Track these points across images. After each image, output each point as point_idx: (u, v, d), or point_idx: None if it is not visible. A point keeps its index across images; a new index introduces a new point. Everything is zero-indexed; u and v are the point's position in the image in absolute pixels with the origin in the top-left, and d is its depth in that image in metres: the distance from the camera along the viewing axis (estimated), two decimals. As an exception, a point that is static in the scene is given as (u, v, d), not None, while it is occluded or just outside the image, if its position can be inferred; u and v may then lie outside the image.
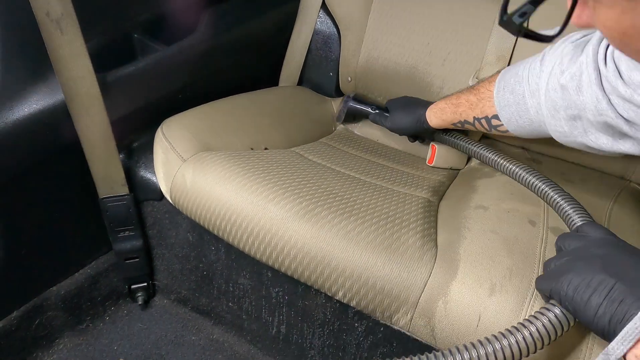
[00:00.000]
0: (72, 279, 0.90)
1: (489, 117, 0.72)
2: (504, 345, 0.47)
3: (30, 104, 0.70)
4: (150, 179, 0.85)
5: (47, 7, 0.63)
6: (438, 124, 0.83)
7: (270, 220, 0.69)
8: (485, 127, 0.74)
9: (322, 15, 1.10)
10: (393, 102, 0.94)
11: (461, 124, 0.78)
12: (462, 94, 0.77)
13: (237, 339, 0.95)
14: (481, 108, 0.73)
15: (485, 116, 0.72)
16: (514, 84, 0.66)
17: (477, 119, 0.74)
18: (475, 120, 0.75)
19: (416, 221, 0.70)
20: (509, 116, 0.68)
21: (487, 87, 0.72)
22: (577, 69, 0.56)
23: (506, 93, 0.67)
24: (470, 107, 0.75)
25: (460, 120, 0.78)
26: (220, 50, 0.98)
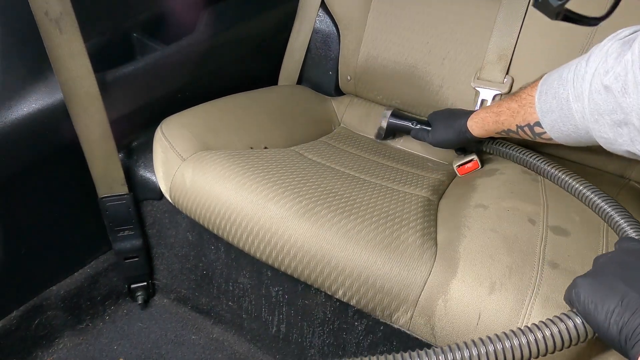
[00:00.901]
0: (72, 278, 0.90)
1: (531, 124, 0.66)
2: (513, 345, 0.46)
3: (29, 104, 0.70)
4: (150, 179, 0.85)
5: (46, 7, 0.63)
6: (481, 134, 0.78)
7: (270, 219, 0.69)
8: (529, 135, 0.68)
9: (321, 14, 1.10)
10: (434, 115, 0.90)
11: (505, 132, 0.73)
12: (503, 101, 0.72)
13: (237, 338, 0.95)
14: (523, 115, 0.67)
15: (528, 124, 0.67)
16: (557, 87, 0.61)
17: (520, 127, 0.69)
18: (519, 129, 0.69)
19: (416, 220, 0.70)
20: (552, 123, 0.63)
21: (528, 92, 0.67)
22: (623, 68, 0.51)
23: (548, 97, 0.62)
24: (512, 115, 0.69)
25: (503, 130, 0.73)
26: (220, 50, 0.98)
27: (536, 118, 0.65)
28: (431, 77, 0.98)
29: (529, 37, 0.88)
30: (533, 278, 0.59)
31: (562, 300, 0.55)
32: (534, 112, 0.65)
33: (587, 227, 0.66)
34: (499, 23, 0.90)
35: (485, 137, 0.80)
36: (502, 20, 0.90)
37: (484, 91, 0.91)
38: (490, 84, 0.90)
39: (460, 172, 0.87)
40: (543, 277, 0.58)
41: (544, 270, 0.59)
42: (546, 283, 0.58)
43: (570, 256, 0.61)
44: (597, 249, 0.63)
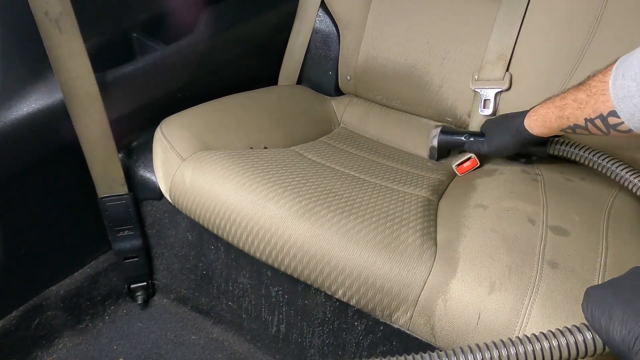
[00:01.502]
0: (72, 278, 0.90)
1: (604, 115, 0.58)
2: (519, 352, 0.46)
3: (29, 104, 0.70)
4: (150, 179, 0.85)
5: (46, 6, 0.63)
6: (543, 133, 0.70)
7: (269, 219, 0.69)
8: (602, 128, 0.60)
9: (321, 14, 1.10)
10: (487, 124, 0.84)
11: (571, 129, 0.64)
12: (567, 93, 0.64)
13: (237, 338, 0.95)
14: (593, 105, 0.59)
15: (600, 114, 0.58)
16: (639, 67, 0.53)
17: (590, 120, 0.60)
18: (588, 123, 0.61)
19: (416, 220, 0.70)
20: (631, 110, 0.54)
21: (600, 78, 0.58)
22: None
23: (626, 80, 0.53)
24: (579, 107, 0.61)
25: (569, 126, 0.64)
26: (220, 50, 0.98)
27: (610, 107, 0.56)
28: (431, 77, 0.98)
29: (528, 36, 0.88)
30: (533, 278, 0.59)
31: (561, 300, 0.55)
32: (607, 99, 0.57)
33: (586, 227, 0.66)
34: (499, 23, 0.90)
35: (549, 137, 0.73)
36: (502, 20, 0.90)
37: (485, 91, 0.91)
38: (490, 82, 0.90)
39: (459, 172, 0.87)
40: (543, 277, 0.58)
41: (543, 270, 0.59)
42: (546, 283, 0.58)
43: (570, 256, 0.61)
44: (597, 249, 0.63)
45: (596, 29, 0.81)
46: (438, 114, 1.00)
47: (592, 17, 0.81)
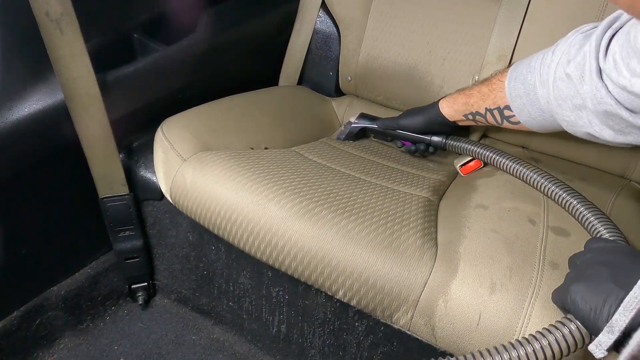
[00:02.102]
0: (73, 278, 0.90)
1: (501, 107, 0.72)
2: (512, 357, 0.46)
3: (30, 104, 0.70)
4: (150, 179, 0.85)
5: (47, 7, 0.63)
6: (450, 114, 0.82)
7: (270, 220, 0.69)
8: (497, 118, 0.74)
9: (321, 15, 1.10)
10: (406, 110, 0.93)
11: (472, 115, 0.78)
12: (474, 85, 0.77)
13: (238, 338, 0.95)
14: (493, 99, 0.73)
15: (498, 107, 0.73)
16: (526, 74, 0.67)
17: (489, 110, 0.74)
18: (487, 112, 0.75)
19: (416, 220, 0.70)
20: (520, 107, 0.69)
21: (499, 78, 0.73)
22: (582, 58, 0.58)
23: (517, 83, 0.68)
24: (482, 98, 0.75)
25: (471, 112, 0.77)
26: (220, 50, 0.98)
27: (506, 102, 0.71)
28: (432, 77, 0.98)
29: (528, 37, 0.88)
30: (533, 278, 0.59)
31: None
32: (504, 96, 0.71)
33: (587, 227, 0.66)
34: (499, 23, 0.90)
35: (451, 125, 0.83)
36: (502, 21, 0.90)
37: None
38: None
39: (463, 172, 0.87)
40: (543, 278, 0.58)
41: (544, 271, 0.59)
42: (547, 283, 0.58)
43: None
44: (598, 249, 0.62)
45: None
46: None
47: (593, 17, 0.81)
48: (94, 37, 0.78)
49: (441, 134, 0.87)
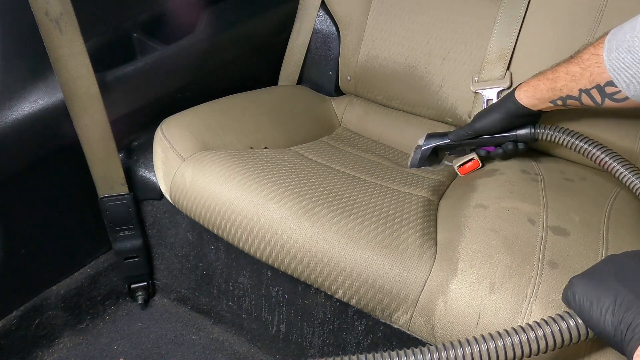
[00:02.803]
0: (72, 278, 0.90)
1: (601, 85, 0.63)
2: (512, 342, 0.47)
3: (30, 104, 0.70)
4: (150, 179, 0.86)
5: (46, 7, 0.63)
6: (532, 104, 0.73)
7: (270, 219, 0.69)
8: (596, 99, 0.65)
9: (321, 14, 1.10)
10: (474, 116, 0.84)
11: (562, 100, 0.69)
12: (558, 67, 0.68)
13: (237, 338, 0.95)
14: (588, 77, 0.64)
15: (597, 84, 0.63)
16: (631, 40, 0.57)
17: (585, 90, 0.65)
18: (582, 93, 0.65)
19: (416, 220, 0.70)
20: (627, 80, 0.59)
21: (592, 51, 0.63)
22: None
23: (621, 53, 0.59)
24: (573, 79, 0.66)
25: (561, 97, 0.68)
26: (220, 50, 0.98)
27: (607, 77, 0.61)
28: (431, 77, 0.98)
29: (528, 37, 0.88)
30: (533, 278, 0.59)
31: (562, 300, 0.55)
32: (603, 71, 0.61)
33: (586, 227, 0.66)
34: (499, 23, 0.90)
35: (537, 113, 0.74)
36: (502, 20, 0.90)
37: (487, 91, 0.91)
38: (491, 82, 0.90)
39: (461, 172, 0.86)
40: (543, 277, 0.58)
41: (543, 270, 0.59)
42: (546, 283, 0.58)
43: (570, 256, 0.61)
44: (597, 248, 0.63)
45: (597, 28, 0.81)
46: (438, 114, 1.00)
47: (593, 16, 0.81)
48: (94, 36, 0.78)
49: (526, 126, 0.77)
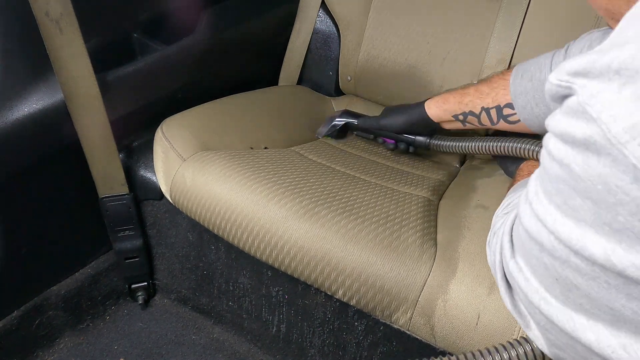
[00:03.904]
0: (73, 278, 0.90)
1: (500, 106, 0.71)
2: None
3: (30, 104, 0.70)
4: (150, 179, 0.86)
5: (47, 7, 0.63)
6: (437, 115, 0.80)
7: (270, 219, 0.69)
8: (492, 118, 0.72)
9: (321, 15, 1.10)
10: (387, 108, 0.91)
11: (464, 116, 0.76)
12: (469, 85, 0.76)
13: (238, 338, 0.95)
14: (493, 97, 0.71)
15: (497, 105, 0.71)
16: (534, 71, 0.67)
17: (486, 109, 0.73)
18: (483, 111, 0.73)
19: (416, 220, 0.70)
20: (524, 104, 0.68)
21: (500, 77, 0.72)
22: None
23: (524, 80, 0.67)
24: (479, 97, 0.73)
25: (463, 112, 0.75)
26: (220, 50, 0.98)
27: (508, 99, 0.70)
28: (431, 77, 0.98)
29: (527, 41, 0.88)
30: (533, 278, 0.59)
31: None
32: (506, 94, 0.70)
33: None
34: (499, 26, 0.90)
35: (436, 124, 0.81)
36: (502, 24, 0.90)
37: None
38: None
39: None
40: (543, 277, 0.58)
41: (543, 271, 0.59)
42: (546, 283, 0.58)
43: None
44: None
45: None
46: (438, 114, 0.99)
47: (592, 21, 0.81)
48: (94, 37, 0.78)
49: (423, 135, 0.85)
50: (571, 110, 0.33)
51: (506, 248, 0.45)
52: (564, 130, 0.33)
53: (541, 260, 0.38)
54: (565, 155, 0.33)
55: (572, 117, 0.33)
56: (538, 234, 0.37)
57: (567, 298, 0.37)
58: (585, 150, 0.32)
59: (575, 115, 0.32)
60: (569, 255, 0.35)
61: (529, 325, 0.44)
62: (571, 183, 0.33)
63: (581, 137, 0.32)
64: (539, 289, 0.40)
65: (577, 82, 0.32)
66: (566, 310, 0.37)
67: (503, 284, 0.47)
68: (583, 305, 0.36)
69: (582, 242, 0.33)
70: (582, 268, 0.34)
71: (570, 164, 0.33)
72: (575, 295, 0.36)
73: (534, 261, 0.39)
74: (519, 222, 0.42)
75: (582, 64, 0.32)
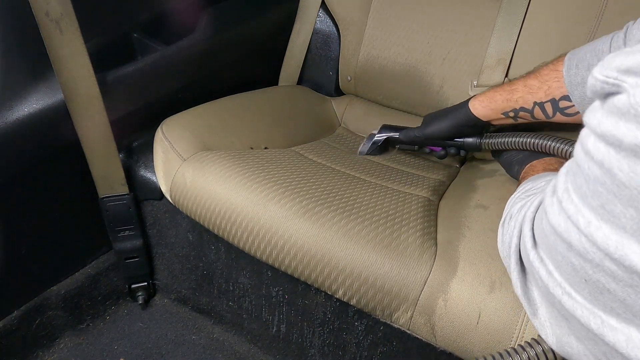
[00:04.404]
0: (73, 278, 0.90)
1: (556, 99, 0.66)
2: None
3: (30, 104, 0.70)
4: (150, 179, 0.86)
5: (47, 7, 0.63)
6: (484, 114, 0.76)
7: (270, 219, 0.69)
8: (547, 112, 0.68)
9: (321, 15, 1.10)
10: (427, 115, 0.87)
11: (514, 112, 0.72)
12: (516, 80, 0.72)
13: (237, 338, 0.95)
14: (545, 90, 0.67)
15: (552, 99, 0.66)
16: (591, 59, 0.61)
17: (539, 103, 0.68)
18: (536, 106, 0.68)
19: (416, 220, 0.70)
20: (582, 95, 0.63)
21: (552, 68, 0.67)
22: None
23: (580, 70, 0.62)
24: (529, 92, 0.69)
25: (514, 108, 0.71)
26: (220, 50, 0.98)
27: (563, 92, 0.65)
28: (431, 77, 0.98)
29: (527, 41, 0.88)
30: (533, 278, 0.59)
31: None
32: (560, 86, 0.65)
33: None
34: (498, 27, 0.90)
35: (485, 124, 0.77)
36: (501, 24, 0.90)
37: None
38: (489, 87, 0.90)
39: None
40: (543, 277, 0.58)
41: (543, 270, 0.59)
42: (546, 282, 0.58)
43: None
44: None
45: (595, 33, 0.81)
46: (438, 114, 1.00)
47: (592, 21, 0.81)
48: (94, 37, 0.78)
49: (472, 136, 0.81)
50: (619, 110, 0.30)
51: (527, 237, 0.43)
52: (608, 132, 0.31)
53: (568, 259, 0.36)
54: (608, 159, 0.31)
55: (621, 119, 0.30)
56: (567, 233, 0.35)
57: (597, 299, 0.35)
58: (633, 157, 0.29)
59: (625, 116, 0.29)
60: (602, 259, 0.32)
61: (536, 313, 0.43)
62: (612, 188, 0.31)
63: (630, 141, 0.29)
64: (562, 283, 0.38)
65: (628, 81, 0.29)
66: (594, 309, 0.36)
67: (516, 268, 0.45)
68: (615, 309, 0.34)
69: (621, 250, 0.31)
70: (618, 274, 0.32)
71: (613, 169, 0.30)
72: (607, 298, 0.34)
73: (559, 258, 0.38)
74: (544, 216, 0.39)
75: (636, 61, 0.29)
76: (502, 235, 0.50)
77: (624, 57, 0.30)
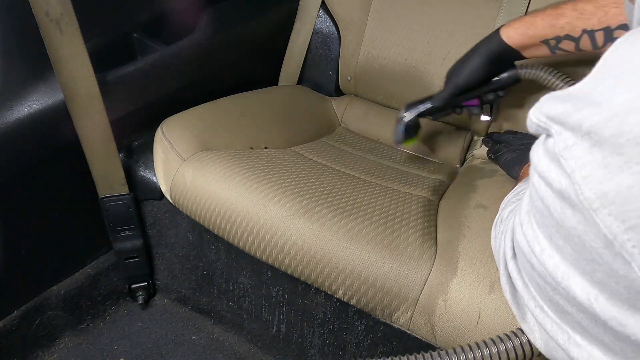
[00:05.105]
0: (73, 278, 0.90)
1: (611, 27, 0.58)
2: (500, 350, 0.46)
3: (30, 104, 0.70)
4: (150, 179, 0.86)
5: (47, 7, 0.63)
6: (520, 42, 0.68)
7: (270, 219, 0.69)
8: (597, 41, 0.60)
9: (321, 15, 1.10)
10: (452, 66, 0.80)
11: (556, 40, 0.64)
12: (563, 4, 0.63)
13: (237, 338, 0.95)
14: (600, 17, 0.58)
15: (607, 27, 0.58)
16: None
17: (589, 31, 0.60)
18: (585, 34, 0.60)
19: (416, 220, 0.70)
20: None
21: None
22: None
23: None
24: (579, 17, 0.60)
25: (557, 35, 0.63)
26: (220, 50, 0.98)
27: (621, 20, 0.57)
28: (432, 77, 0.98)
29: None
30: (533, 278, 0.59)
31: None
32: (619, 13, 0.57)
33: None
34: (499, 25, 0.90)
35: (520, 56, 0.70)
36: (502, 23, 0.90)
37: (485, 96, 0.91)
38: None
39: None
40: (543, 277, 0.58)
41: (543, 270, 0.59)
42: (546, 282, 0.58)
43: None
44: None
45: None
46: (438, 114, 1.00)
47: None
48: (94, 37, 0.78)
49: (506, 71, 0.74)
50: (549, 153, 0.31)
51: (508, 247, 0.43)
52: (544, 171, 0.31)
53: (534, 278, 0.37)
54: (546, 196, 0.31)
55: (552, 162, 0.30)
56: (529, 255, 0.36)
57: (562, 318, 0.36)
58: (562, 200, 0.30)
59: (553, 161, 0.30)
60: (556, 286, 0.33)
61: (525, 317, 0.44)
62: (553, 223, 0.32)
63: (558, 186, 0.30)
64: (536, 297, 0.39)
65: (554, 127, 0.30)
66: (562, 325, 0.36)
67: (505, 273, 0.45)
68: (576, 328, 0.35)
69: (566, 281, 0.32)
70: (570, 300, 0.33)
71: (550, 207, 0.31)
72: (568, 319, 0.35)
73: (529, 273, 0.38)
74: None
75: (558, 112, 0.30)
76: (494, 238, 0.50)
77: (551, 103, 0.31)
